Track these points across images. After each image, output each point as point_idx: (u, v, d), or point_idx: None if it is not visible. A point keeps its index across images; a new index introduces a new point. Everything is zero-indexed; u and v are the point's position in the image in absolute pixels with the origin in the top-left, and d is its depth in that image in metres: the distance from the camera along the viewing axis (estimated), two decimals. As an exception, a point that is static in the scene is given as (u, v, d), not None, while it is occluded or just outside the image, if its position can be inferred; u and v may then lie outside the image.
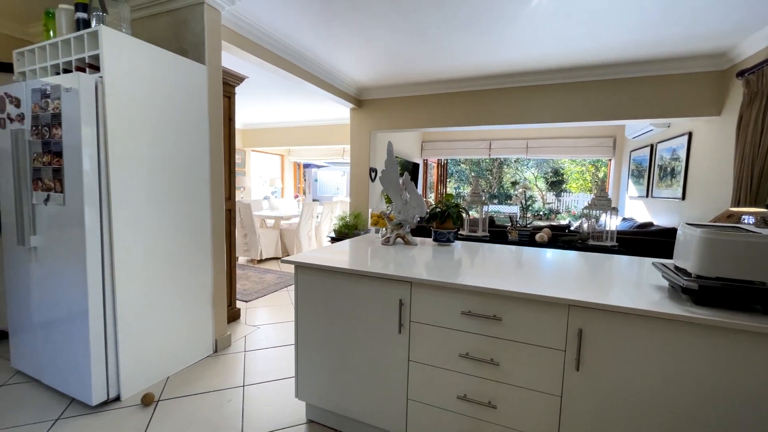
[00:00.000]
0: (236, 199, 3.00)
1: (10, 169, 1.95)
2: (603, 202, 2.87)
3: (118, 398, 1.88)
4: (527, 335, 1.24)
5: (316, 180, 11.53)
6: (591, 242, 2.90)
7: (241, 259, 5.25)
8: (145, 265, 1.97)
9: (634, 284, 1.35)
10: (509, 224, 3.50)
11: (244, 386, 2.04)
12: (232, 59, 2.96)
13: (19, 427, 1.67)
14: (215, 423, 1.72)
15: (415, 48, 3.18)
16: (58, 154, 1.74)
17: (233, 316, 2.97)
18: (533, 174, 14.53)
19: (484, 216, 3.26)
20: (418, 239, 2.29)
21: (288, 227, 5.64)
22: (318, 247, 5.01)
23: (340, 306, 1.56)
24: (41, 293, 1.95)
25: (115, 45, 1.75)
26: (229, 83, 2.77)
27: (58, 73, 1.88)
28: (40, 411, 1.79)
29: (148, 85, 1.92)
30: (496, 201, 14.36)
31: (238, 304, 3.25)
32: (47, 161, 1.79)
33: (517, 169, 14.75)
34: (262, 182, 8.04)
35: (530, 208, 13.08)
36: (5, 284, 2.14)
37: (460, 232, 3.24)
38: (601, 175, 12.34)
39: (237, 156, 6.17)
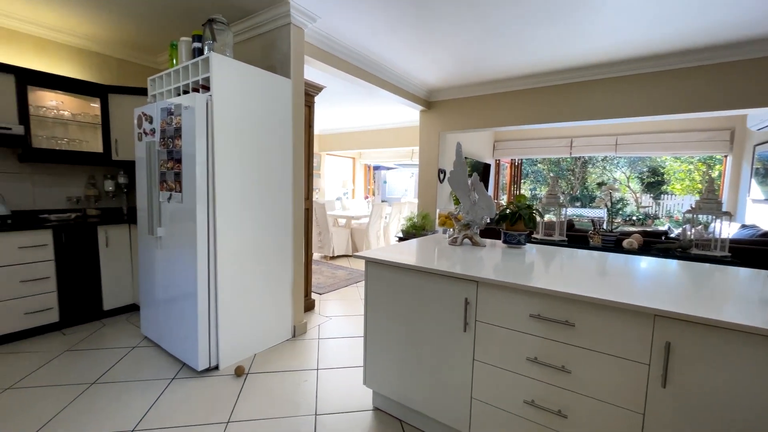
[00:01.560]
0: (312, 199, 3.28)
1: (144, 174, 2.42)
2: (711, 204, 2.48)
3: (217, 367, 2.21)
4: (604, 344, 1.16)
5: (385, 182, 11.82)
6: (694, 251, 2.52)
7: (316, 255, 5.66)
8: (239, 255, 2.28)
9: (746, 298, 1.17)
10: (591, 228, 3.22)
11: (317, 370, 2.23)
12: (311, 71, 3.24)
13: (147, 380, 2.07)
14: (293, 398, 1.93)
15: (487, 46, 3.12)
16: (179, 161, 2.12)
17: (309, 306, 3.24)
18: (625, 174, 12.93)
19: (562, 219, 3.06)
20: (487, 241, 2.25)
21: (358, 227, 5.92)
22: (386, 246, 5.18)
23: (407, 301, 1.63)
24: (163, 275, 2.38)
25: (222, 67, 2.07)
26: (310, 93, 3.04)
27: (179, 94, 2.29)
28: (161, 370, 2.19)
29: (245, 99, 2.23)
30: (578, 204, 13.10)
31: (313, 296, 3.53)
32: (170, 167, 2.19)
33: (604, 168, 13.26)
34: (335, 184, 8.54)
35: (620, 212, 11.68)
36: (138, 266, 2.67)
37: (534, 236, 3.08)
38: (714, 174, 10.48)
39: (314, 159, 6.66)
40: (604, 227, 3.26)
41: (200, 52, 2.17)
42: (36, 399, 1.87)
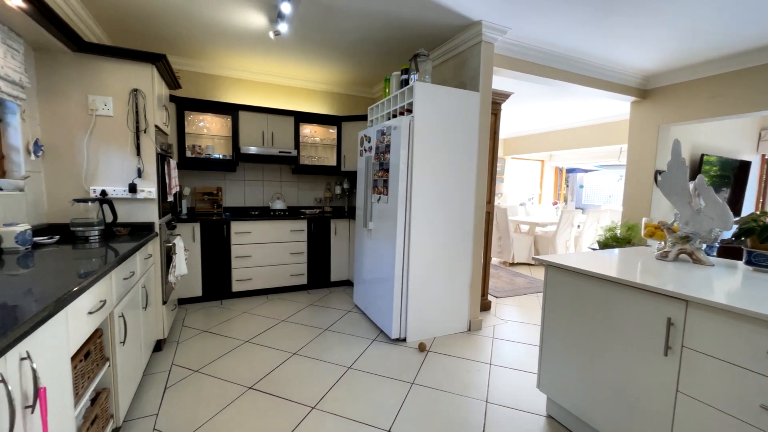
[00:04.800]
0: (494, 204, 3.37)
1: (363, 181, 3.17)
2: None
3: (404, 340, 2.67)
4: None
5: (581, 186, 10.34)
6: None
7: (494, 260, 5.65)
8: (426, 249, 2.66)
9: None
10: None
11: (490, 364, 2.34)
12: (500, 79, 3.34)
13: (356, 336, 2.73)
14: (466, 382, 2.12)
15: (734, 11, 2.38)
16: (387, 170, 2.69)
17: (484, 306, 3.35)
18: None
19: None
20: (718, 260, 1.78)
21: (543, 234, 5.52)
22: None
23: (590, 312, 1.54)
24: (370, 259, 3.05)
25: (422, 92, 2.50)
26: (496, 102, 3.16)
27: (389, 118, 2.89)
28: (365, 332, 2.83)
29: (438, 116, 2.59)
30: None
31: (489, 298, 3.61)
32: (381, 175, 2.80)
33: None
34: (519, 188, 8.19)
35: None
36: (354, 251, 3.49)
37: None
38: None
39: (497, 164, 6.64)
40: None
41: (406, 82, 2.68)
42: (296, 331, 2.81)
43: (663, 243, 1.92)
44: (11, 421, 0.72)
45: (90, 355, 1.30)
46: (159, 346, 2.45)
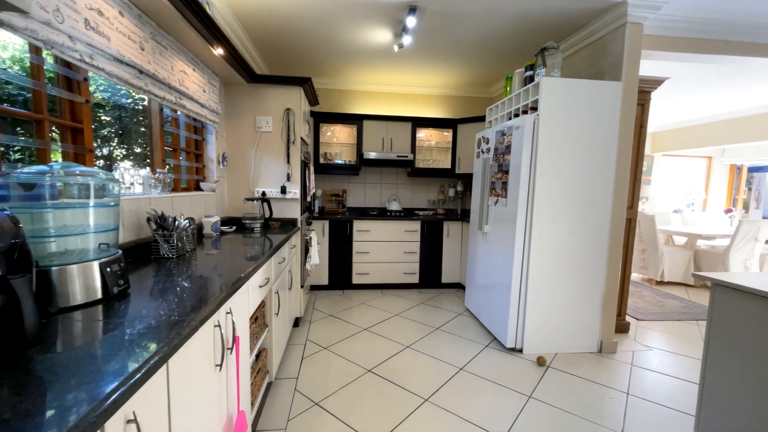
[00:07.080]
0: (637, 210, 2.86)
1: (479, 183, 3.12)
2: None
3: (520, 350, 2.52)
4: None
5: (771, 189, 7.86)
6: None
7: (635, 276, 4.80)
8: (549, 258, 2.46)
9: None
10: None
11: (627, 394, 2.03)
12: (647, 64, 2.84)
13: (468, 340, 2.71)
14: (596, 409, 1.89)
15: None
16: (506, 172, 2.60)
17: (621, 327, 2.90)
18: None
19: None
20: None
21: (709, 249, 4.43)
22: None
23: (783, 350, 1.20)
24: (484, 264, 2.98)
25: (550, 88, 2.33)
26: (645, 90, 2.70)
27: (510, 118, 2.77)
28: (477, 336, 2.78)
29: (568, 112, 2.37)
30: None
31: (627, 319, 3.09)
32: (499, 177, 2.72)
33: None
34: (673, 192, 6.72)
35: None
36: (467, 254, 3.45)
37: None
38: None
39: (643, 163, 5.64)
40: None
41: (531, 79, 2.54)
42: (408, 326, 2.95)
43: None
44: (222, 356, 1.00)
45: (258, 320, 1.66)
46: (296, 323, 2.91)
